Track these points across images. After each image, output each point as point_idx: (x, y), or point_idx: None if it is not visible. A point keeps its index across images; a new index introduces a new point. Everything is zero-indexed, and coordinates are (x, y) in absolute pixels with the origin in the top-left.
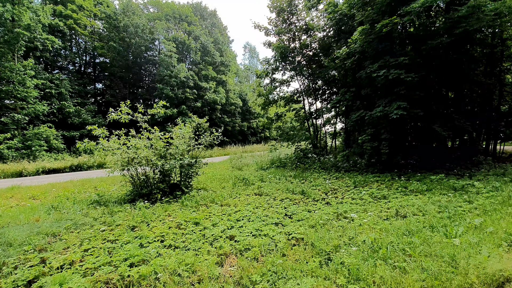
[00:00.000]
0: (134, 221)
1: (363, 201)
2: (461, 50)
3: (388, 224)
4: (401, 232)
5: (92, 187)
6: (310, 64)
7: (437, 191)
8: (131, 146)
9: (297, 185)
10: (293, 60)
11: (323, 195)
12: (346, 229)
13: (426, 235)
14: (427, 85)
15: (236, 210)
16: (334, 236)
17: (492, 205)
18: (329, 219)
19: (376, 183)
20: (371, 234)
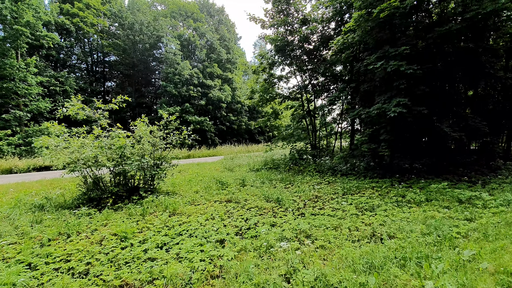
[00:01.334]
0: (54, 233)
1: (344, 213)
2: (474, 39)
3: (353, 250)
4: (361, 266)
5: (58, 187)
6: (310, 59)
7: (437, 202)
8: (80, 145)
9: (278, 191)
10: (291, 54)
11: (301, 204)
12: (293, 256)
13: (390, 274)
14: (435, 79)
15: (186, 221)
16: (271, 265)
17: (497, 227)
18: (282, 239)
19: (371, 190)
20: (320, 266)
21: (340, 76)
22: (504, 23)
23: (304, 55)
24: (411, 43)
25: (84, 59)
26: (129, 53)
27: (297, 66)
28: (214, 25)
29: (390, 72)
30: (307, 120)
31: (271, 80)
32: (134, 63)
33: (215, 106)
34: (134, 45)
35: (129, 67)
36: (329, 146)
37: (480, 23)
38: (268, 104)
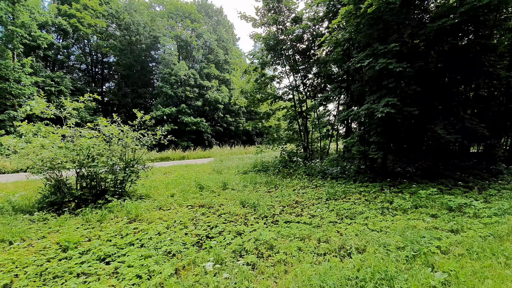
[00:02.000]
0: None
1: (321, 221)
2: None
3: (311, 267)
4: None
5: (31, 189)
6: (303, 58)
7: (425, 210)
8: (39, 146)
9: (258, 196)
10: (283, 54)
11: (278, 210)
12: (232, 277)
13: None
14: (427, 78)
15: (144, 229)
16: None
17: (485, 242)
18: (240, 251)
19: (358, 195)
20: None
21: (337, 77)
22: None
23: (296, 55)
24: (402, 40)
25: (83, 60)
26: (126, 53)
27: (290, 66)
28: (212, 26)
29: (379, 71)
30: (299, 121)
31: (263, 80)
32: (131, 64)
33: (212, 107)
34: (130, 45)
35: (126, 68)
36: (324, 149)
37: (477, 18)
38: (261, 105)
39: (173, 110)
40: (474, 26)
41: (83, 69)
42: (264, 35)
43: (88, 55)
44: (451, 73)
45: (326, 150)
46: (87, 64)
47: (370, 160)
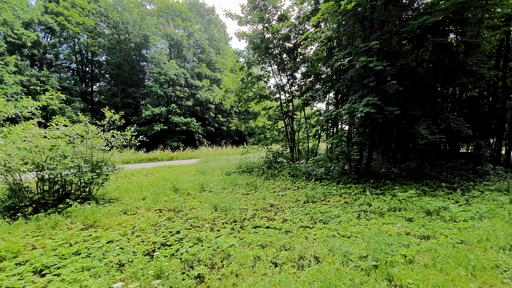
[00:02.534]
0: None
1: (292, 226)
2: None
3: (261, 281)
4: None
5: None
6: (291, 57)
7: (403, 213)
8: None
9: (234, 198)
10: (270, 53)
11: (251, 213)
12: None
13: None
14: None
15: (98, 236)
16: None
17: (455, 250)
18: (193, 262)
19: (339, 197)
20: None
21: (326, 76)
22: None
23: (283, 54)
24: (384, 38)
25: (73, 59)
26: (115, 52)
27: (277, 65)
28: (204, 25)
29: (360, 69)
30: (285, 121)
31: (250, 80)
32: (120, 63)
33: (203, 107)
34: (119, 44)
35: (115, 67)
36: (314, 149)
37: (459, 15)
38: (248, 105)
39: (162, 110)
40: (457, 24)
41: (74, 68)
42: (249, 33)
43: (79, 54)
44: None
45: (315, 150)
46: (77, 63)
47: (356, 161)
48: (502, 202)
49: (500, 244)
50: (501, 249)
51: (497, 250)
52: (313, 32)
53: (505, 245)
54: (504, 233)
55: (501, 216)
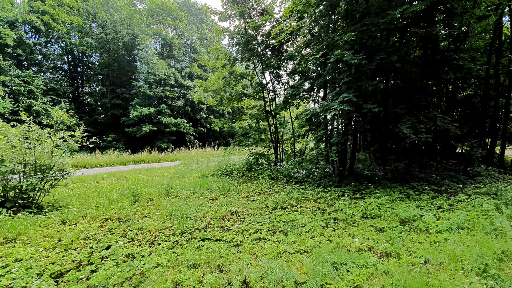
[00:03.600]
0: None
1: (247, 238)
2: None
3: None
4: None
5: None
6: (275, 54)
7: (376, 221)
8: None
9: (199, 204)
10: (253, 50)
11: (207, 222)
12: None
13: None
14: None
15: (9, 253)
16: None
17: (410, 274)
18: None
19: (313, 202)
20: None
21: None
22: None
23: (268, 50)
24: (361, 30)
25: (61, 59)
26: (102, 52)
27: (261, 63)
28: (196, 24)
29: (335, 64)
30: (269, 121)
31: (232, 78)
32: (109, 63)
33: (195, 108)
34: (107, 43)
35: (104, 67)
36: (303, 150)
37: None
38: (230, 104)
39: (151, 111)
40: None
41: (66, 68)
42: (230, 29)
43: (70, 54)
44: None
45: (304, 151)
46: (69, 64)
47: (340, 163)
48: (487, 208)
49: (472, 265)
50: (472, 271)
51: (467, 273)
52: (288, 25)
53: (478, 266)
54: (479, 250)
55: (481, 226)
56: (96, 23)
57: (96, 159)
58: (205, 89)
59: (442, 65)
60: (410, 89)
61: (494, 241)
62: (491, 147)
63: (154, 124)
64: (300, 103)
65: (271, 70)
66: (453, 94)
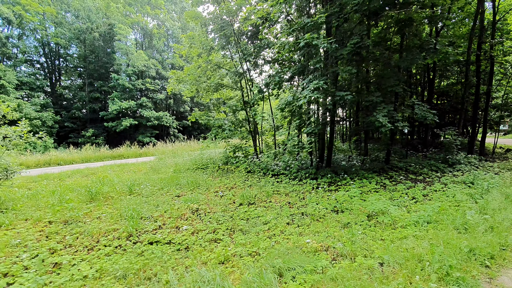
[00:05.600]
0: None
1: (197, 240)
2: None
3: None
4: None
5: None
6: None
7: (344, 216)
8: None
9: (160, 202)
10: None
11: (163, 221)
12: None
13: None
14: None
15: None
16: None
17: (358, 284)
18: None
19: (284, 196)
20: None
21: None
22: None
23: (244, 38)
24: (332, 11)
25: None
26: (78, 43)
27: (239, 52)
28: (177, 13)
29: (305, 48)
30: (247, 112)
31: (209, 67)
32: (85, 55)
33: (178, 100)
34: (82, 34)
35: (80, 59)
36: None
37: None
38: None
39: (131, 104)
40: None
41: (42, 61)
42: (204, 15)
43: (47, 47)
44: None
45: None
46: (46, 57)
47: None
48: (460, 199)
49: (434, 267)
50: (433, 274)
51: (427, 277)
52: (259, 7)
53: (441, 268)
54: (444, 248)
55: (451, 219)
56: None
57: (71, 155)
58: (178, 79)
59: (420, 50)
60: (387, 76)
61: (462, 237)
62: (472, 134)
63: (135, 118)
64: (280, 93)
65: (247, 59)
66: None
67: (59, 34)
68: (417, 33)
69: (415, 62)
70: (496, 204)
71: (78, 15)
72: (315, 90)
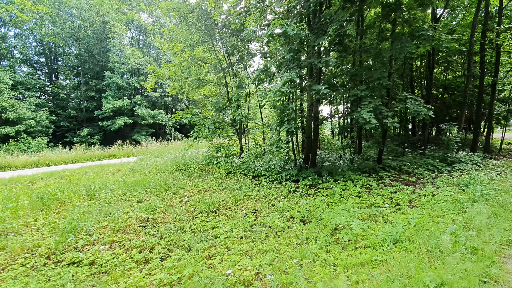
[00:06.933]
0: None
1: (122, 261)
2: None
3: None
4: None
5: None
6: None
7: (308, 228)
8: None
9: (114, 209)
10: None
11: (101, 233)
12: None
13: None
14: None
15: None
16: None
17: None
18: None
19: (254, 202)
20: None
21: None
22: None
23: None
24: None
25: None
26: (71, 41)
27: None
28: None
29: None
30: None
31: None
32: (79, 53)
33: (174, 98)
34: (75, 32)
35: (75, 58)
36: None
37: None
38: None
39: (126, 103)
40: None
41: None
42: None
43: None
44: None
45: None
46: (45, 56)
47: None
48: (446, 208)
49: None
50: None
51: None
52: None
53: None
54: (400, 284)
55: (426, 236)
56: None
57: (60, 156)
58: (157, 75)
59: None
60: (374, 67)
61: (433, 264)
62: (475, 130)
63: (130, 116)
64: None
65: (232, 52)
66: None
67: (53, 33)
68: (409, 20)
69: (405, 50)
70: (485, 218)
71: (71, 13)
72: (286, 83)
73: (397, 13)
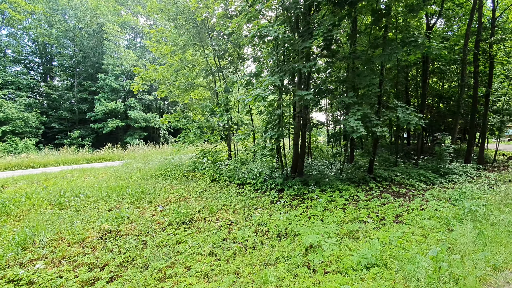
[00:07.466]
0: None
1: (67, 277)
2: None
3: None
4: None
5: None
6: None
7: (279, 245)
8: None
9: (81, 218)
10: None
11: (56, 246)
12: None
13: None
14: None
15: None
16: None
17: None
18: None
19: (232, 213)
20: None
21: None
22: None
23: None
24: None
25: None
26: (65, 42)
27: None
28: None
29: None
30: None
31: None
32: (74, 54)
33: (170, 101)
34: (69, 32)
35: (68, 59)
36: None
37: None
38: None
39: (118, 105)
40: None
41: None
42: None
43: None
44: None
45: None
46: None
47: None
48: (432, 226)
49: None
50: None
51: None
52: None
53: None
54: None
55: (406, 258)
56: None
57: (46, 158)
58: (143, 77)
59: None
60: (363, 74)
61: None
62: (469, 141)
63: (123, 119)
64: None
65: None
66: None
67: (46, 33)
68: (399, 27)
69: (393, 57)
70: (471, 239)
71: (66, 13)
72: (267, 87)
73: (387, 18)
